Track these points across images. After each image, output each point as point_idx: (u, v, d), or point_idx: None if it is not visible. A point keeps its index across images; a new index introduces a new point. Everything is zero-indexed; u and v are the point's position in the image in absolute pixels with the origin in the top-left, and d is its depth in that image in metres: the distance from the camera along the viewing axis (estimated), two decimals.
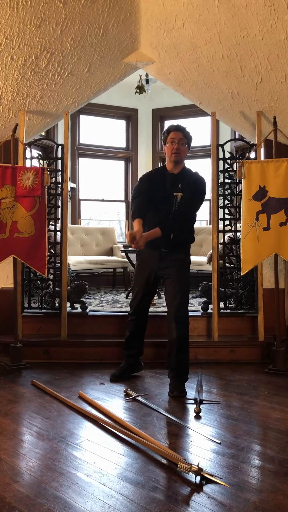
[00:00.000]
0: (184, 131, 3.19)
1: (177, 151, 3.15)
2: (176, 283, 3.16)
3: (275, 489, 1.90)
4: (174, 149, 3.14)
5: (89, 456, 2.19)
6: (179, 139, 3.15)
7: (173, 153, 3.15)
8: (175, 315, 3.13)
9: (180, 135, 3.15)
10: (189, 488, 1.91)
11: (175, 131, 3.17)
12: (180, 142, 3.15)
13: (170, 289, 3.18)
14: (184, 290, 3.18)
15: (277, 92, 3.66)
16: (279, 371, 3.60)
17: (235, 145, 6.32)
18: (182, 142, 3.16)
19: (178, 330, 3.11)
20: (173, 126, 3.22)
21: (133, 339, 3.42)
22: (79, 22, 3.37)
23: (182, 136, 3.16)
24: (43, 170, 3.78)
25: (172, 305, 3.14)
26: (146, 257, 3.28)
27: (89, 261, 5.78)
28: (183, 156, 3.21)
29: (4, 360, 3.81)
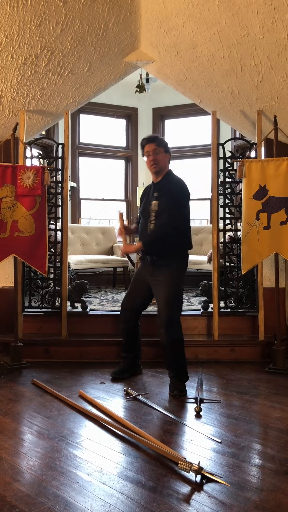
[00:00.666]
0: (156, 140, 3.23)
1: (154, 162, 3.20)
2: (161, 289, 3.14)
3: (275, 488, 1.90)
4: (151, 161, 3.20)
5: (89, 455, 2.19)
6: (153, 150, 3.20)
7: (152, 165, 3.22)
8: (160, 321, 3.13)
9: (153, 146, 3.21)
10: (190, 487, 1.91)
11: (148, 143, 3.23)
12: (154, 152, 3.19)
13: (157, 294, 3.21)
14: (168, 295, 3.11)
15: (278, 91, 3.65)
16: (279, 370, 3.60)
17: (236, 144, 6.31)
18: (157, 151, 3.20)
19: (166, 336, 3.10)
20: (144, 139, 3.27)
21: (127, 347, 3.46)
22: (79, 21, 3.36)
23: (155, 146, 3.21)
24: (44, 169, 3.78)
25: (160, 309, 3.15)
26: (142, 267, 3.39)
27: (90, 260, 5.78)
28: (162, 164, 3.23)
29: (4, 359, 3.81)
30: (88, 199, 7.34)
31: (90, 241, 6.45)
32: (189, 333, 4.12)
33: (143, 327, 3.52)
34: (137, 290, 3.36)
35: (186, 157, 7.34)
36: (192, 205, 3.38)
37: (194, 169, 7.32)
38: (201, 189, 7.13)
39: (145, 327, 3.60)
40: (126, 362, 3.46)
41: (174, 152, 3.43)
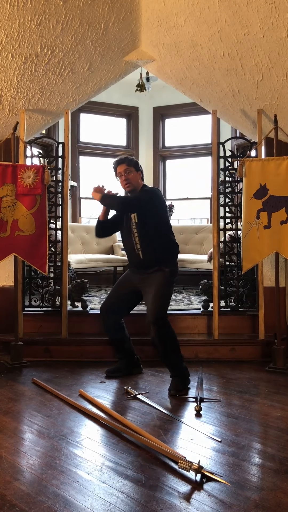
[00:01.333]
0: (125, 161, 3.32)
1: (127, 181, 3.30)
2: (151, 288, 3.17)
3: (275, 487, 1.90)
4: (124, 181, 3.31)
5: (89, 454, 2.20)
6: (124, 170, 3.30)
7: (126, 185, 3.32)
8: (149, 317, 3.09)
9: (123, 167, 3.30)
10: (190, 486, 1.91)
11: (119, 165, 3.33)
12: (125, 172, 3.29)
13: (145, 295, 3.23)
14: (157, 292, 3.13)
15: (278, 90, 3.65)
16: (280, 370, 3.60)
17: (236, 143, 6.31)
18: (128, 171, 3.30)
19: (156, 331, 3.05)
20: (115, 162, 3.37)
21: (118, 352, 3.54)
22: (79, 20, 3.36)
23: (126, 166, 3.30)
24: (44, 169, 3.78)
25: (149, 311, 3.13)
26: (128, 275, 3.42)
27: (90, 260, 5.78)
28: (135, 182, 3.33)
29: (4, 358, 3.81)
30: (88, 198, 7.33)
31: (90, 240, 6.45)
32: (189, 332, 4.13)
33: (143, 326, 3.51)
34: (120, 296, 3.40)
35: (187, 156, 7.33)
36: (192, 205, 3.40)
37: (194, 168, 7.31)
38: (202, 188, 7.12)
39: (144, 325, 3.59)
40: (122, 362, 3.51)
41: (174, 151, 3.46)
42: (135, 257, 3.28)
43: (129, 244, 3.30)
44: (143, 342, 3.85)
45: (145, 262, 3.24)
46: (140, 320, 3.63)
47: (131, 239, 3.27)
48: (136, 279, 3.31)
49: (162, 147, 7.37)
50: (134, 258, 3.29)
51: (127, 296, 3.39)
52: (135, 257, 3.28)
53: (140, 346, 3.84)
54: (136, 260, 3.28)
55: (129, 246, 3.31)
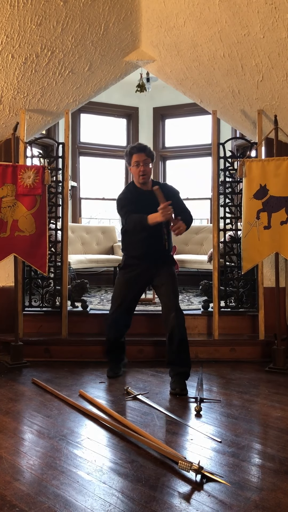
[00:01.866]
0: (146, 150, 3.24)
1: (144, 173, 3.23)
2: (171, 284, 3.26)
3: (275, 487, 1.90)
4: (141, 172, 3.22)
5: (89, 455, 2.20)
6: (143, 160, 3.22)
7: (141, 176, 3.23)
8: (174, 306, 3.18)
9: (143, 156, 3.21)
10: (190, 487, 1.91)
11: (138, 153, 3.21)
12: (145, 163, 3.22)
13: (165, 290, 3.26)
14: (175, 287, 3.30)
15: (278, 91, 3.65)
16: (280, 370, 3.60)
17: (236, 144, 6.31)
18: (146, 162, 3.23)
19: (178, 319, 3.15)
20: (134, 148, 3.25)
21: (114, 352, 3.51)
22: (79, 20, 3.36)
23: (145, 157, 3.23)
24: (44, 169, 3.79)
25: (170, 300, 3.21)
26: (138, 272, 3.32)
27: (90, 260, 5.78)
28: (150, 175, 3.31)
29: (4, 358, 3.81)
30: (88, 198, 7.34)
31: (90, 241, 6.45)
32: (190, 333, 4.10)
33: (145, 326, 3.52)
34: (131, 302, 3.40)
35: (187, 156, 7.33)
36: (193, 205, 3.41)
37: (194, 168, 7.31)
38: (202, 189, 7.12)
39: (146, 326, 3.60)
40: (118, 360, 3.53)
41: (174, 152, 3.46)
42: (159, 246, 3.26)
43: (155, 234, 3.21)
44: (143, 342, 3.86)
45: (167, 252, 3.32)
46: (141, 320, 3.65)
47: (161, 230, 3.22)
48: (150, 271, 3.30)
49: (162, 148, 7.37)
50: (158, 248, 3.26)
51: (137, 296, 3.42)
52: (159, 246, 3.26)
53: (141, 346, 3.85)
54: (160, 250, 3.27)
55: (154, 236, 3.22)
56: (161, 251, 3.30)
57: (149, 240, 3.25)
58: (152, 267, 3.31)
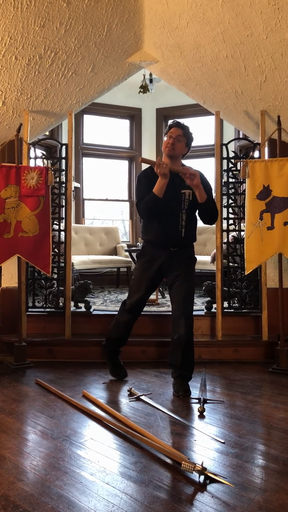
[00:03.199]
0: (184, 129, 3.15)
1: (172, 146, 3.11)
2: (185, 283, 3.13)
3: (279, 488, 1.90)
4: (169, 144, 3.11)
5: (93, 455, 2.20)
6: (177, 135, 3.12)
7: (167, 147, 3.12)
8: (184, 314, 3.09)
9: (179, 131, 3.12)
10: (193, 488, 1.91)
11: (176, 127, 3.14)
12: (177, 138, 3.11)
13: (179, 288, 3.14)
14: (192, 290, 3.18)
15: (281, 91, 3.65)
16: (283, 371, 3.59)
17: (239, 144, 6.31)
18: (180, 139, 3.12)
19: (186, 328, 3.08)
20: (176, 122, 3.19)
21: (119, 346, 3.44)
22: (83, 21, 3.37)
23: (181, 133, 3.12)
24: (47, 170, 3.79)
25: (181, 304, 3.11)
26: (152, 257, 3.21)
27: (93, 261, 5.79)
28: (178, 152, 3.16)
29: (8, 359, 3.82)
30: (91, 199, 7.35)
31: (93, 241, 6.46)
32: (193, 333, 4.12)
33: (148, 327, 3.51)
34: (145, 293, 3.28)
35: (190, 157, 7.31)
36: None
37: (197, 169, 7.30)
38: None
39: (149, 327, 3.60)
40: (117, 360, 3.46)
41: None
42: (175, 233, 3.12)
43: (172, 220, 3.10)
44: (146, 343, 3.86)
45: (184, 240, 3.16)
46: (144, 321, 3.65)
47: (177, 215, 3.10)
48: (163, 263, 3.17)
49: None
50: (174, 235, 3.12)
51: (151, 289, 3.30)
52: (175, 233, 3.12)
53: (144, 347, 3.85)
54: (175, 237, 3.13)
55: (171, 222, 3.11)
56: (177, 238, 3.13)
57: (164, 225, 3.11)
58: (165, 254, 3.15)
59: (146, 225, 3.24)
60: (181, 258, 3.18)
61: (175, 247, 3.16)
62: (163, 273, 3.24)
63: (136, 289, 3.26)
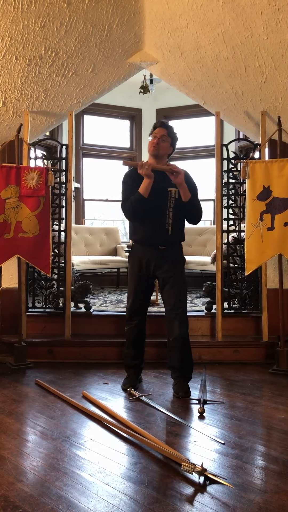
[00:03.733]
0: (168, 129, 3.18)
1: (156, 146, 3.14)
2: (177, 283, 3.14)
3: (279, 489, 1.90)
4: (154, 143, 3.14)
5: (92, 456, 2.20)
6: (161, 135, 3.14)
7: (152, 147, 3.15)
8: (178, 315, 3.10)
9: (163, 131, 3.15)
10: (193, 488, 1.91)
11: (160, 127, 3.17)
12: (161, 138, 3.14)
13: (171, 290, 3.14)
14: (184, 291, 3.19)
15: (282, 92, 3.65)
16: (283, 372, 3.59)
17: (239, 145, 6.31)
18: (164, 138, 3.15)
19: (181, 329, 3.09)
20: (160, 122, 3.23)
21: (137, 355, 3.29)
22: (83, 22, 3.37)
23: (165, 133, 3.15)
24: (47, 170, 3.79)
25: (175, 305, 3.12)
26: (141, 256, 3.19)
27: (93, 261, 5.79)
28: (163, 152, 3.17)
29: (8, 359, 3.82)
30: (91, 200, 7.35)
31: (93, 242, 6.46)
32: (193, 334, 4.11)
33: (148, 328, 3.49)
34: (144, 292, 3.27)
35: (190, 158, 7.34)
36: None
37: (197, 170, 7.31)
38: (205, 190, 7.12)
39: (148, 327, 3.59)
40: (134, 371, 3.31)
41: (178, 153, 3.42)
42: (162, 232, 3.11)
43: (159, 218, 3.10)
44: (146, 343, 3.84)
45: (172, 238, 3.16)
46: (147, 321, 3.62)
47: (163, 213, 3.10)
48: (152, 262, 3.15)
49: None
50: (161, 233, 3.12)
51: (149, 291, 3.30)
52: (162, 232, 3.11)
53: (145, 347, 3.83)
54: (163, 235, 3.12)
55: (157, 221, 3.10)
56: (164, 237, 3.12)
57: (151, 223, 3.11)
58: (154, 253, 3.14)
59: (134, 224, 3.24)
60: (170, 258, 3.17)
61: (163, 245, 3.16)
62: (154, 273, 3.21)
63: (132, 290, 3.26)
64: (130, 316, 3.27)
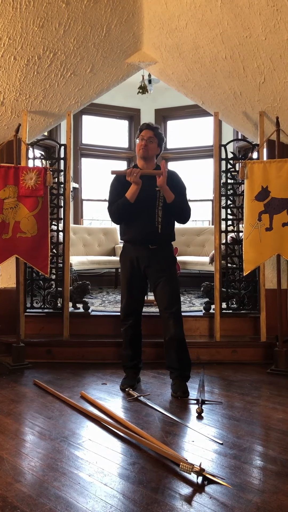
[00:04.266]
0: (155, 130, 3.22)
1: (145, 148, 3.18)
2: (169, 282, 3.13)
3: (277, 489, 1.90)
4: (142, 145, 3.18)
5: (91, 456, 2.19)
6: (149, 137, 3.18)
7: (141, 149, 3.19)
8: (173, 314, 3.10)
9: (150, 133, 3.19)
10: (191, 489, 1.91)
11: (147, 129, 3.21)
12: (149, 139, 3.18)
13: (163, 289, 3.14)
14: (177, 290, 3.19)
15: (280, 92, 3.65)
16: (281, 372, 3.60)
17: (238, 145, 6.31)
18: (151, 140, 3.19)
19: (176, 328, 3.09)
20: (145, 124, 3.25)
21: (134, 356, 3.30)
22: (81, 22, 3.37)
23: (152, 135, 3.19)
24: (46, 170, 3.79)
25: (168, 305, 3.11)
26: (132, 256, 3.20)
27: (92, 261, 5.78)
28: (151, 153, 3.22)
29: (6, 359, 3.82)
30: (90, 200, 7.35)
31: (92, 242, 6.45)
32: (191, 334, 4.12)
33: (145, 328, 3.50)
34: (137, 292, 3.27)
35: (188, 158, 7.34)
36: (194, 206, 3.36)
37: (196, 170, 7.31)
38: (203, 190, 7.12)
39: (146, 327, 3.59)
40: (133, 371, 3.31)
41: (176, 153, 3.43)
42: (152, 230, 3.13)
43: (148, 217, 3.12)
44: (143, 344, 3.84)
45: (162, 237, 3.17)
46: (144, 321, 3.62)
47: (153, 212, 3.12)
48: (143, 261, 3.16)
49: (164, 149, 7.36)
50: (151, 232, 3.13)
51: (142, 291, 3.30)
52: (152, 230, 3.13)
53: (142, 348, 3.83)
54: (153, 234, 3.13)
55: (147, 220, 3.11)
56: (154, 235, 3.13)
57: (141, 223, 3.13)
58: (145, 253, 3.14)
59: (124, 225, 3.26)
60: (160, 257, 3.17)
61: (153, 245, 3.16)
62: (145, 272, 3.20)
63: (125, 291, 3.27)
64: (125, 317, 3.29)
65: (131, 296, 3.25)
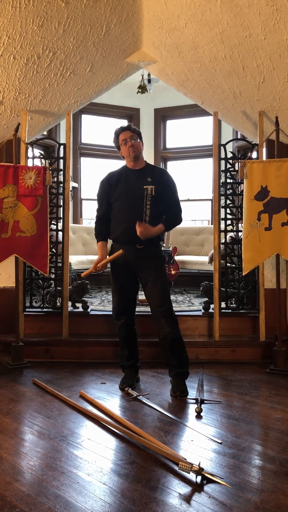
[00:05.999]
0: (130, 128, 3.23)
1: (133, 148, 3.18)
2: (159, 281, 3.12)
3: (275, 489, 1.90)
4: (130, 147, 3.18)
5: (90, 455, 2.20)
6: (130, 136, 3.18)
7: (132, 151, 3.18)
8: (164, 312, 3.09)
9: (128, 133, 3.19)
10: (190, 488, 1.91)
11: (122, 132, 3.21)
12: (131, 139, 3.18)
13: (153, 288, 3.12)
14: (167, 287, 3.17)
15: (279, 92, 3.65)
16: (280, 371, 3.60)
17: (237, 145, 6.32)
18: (133, 138, 3.19)
19: (170, 325, 3.08)
20: (118, 128, 3.25)
21: (130, 356, 3.31)
22: (81, 21, 3.37)
23: (131, 133, 3.20)
24: (45, 170, 3.79)
25: (160, 303, 3.10)
26: (119, 266, 3.22)
27: (91, 261, 5.77)
28: (141, 149, 3.24)
29: (5, 359, 3.82)
30: (89, 199, 7.35)
31: (91, 241, 6.45)
32: (190, 334, 4.13)
33: (142, 327, 3.50)
34: (127, 291, 3.26)
35: (188, 157, 7.34)
36: (194, 206, 3.36)
37: (195, 169, 7.32)
38: (203, 190, 7.13)
39: (145, 327, 3.60)
40: (131, 371, 3.32)
41: (175, 153, 3.44)
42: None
43: (136, 216, 3.08)
44: (141, 343, 3.85)
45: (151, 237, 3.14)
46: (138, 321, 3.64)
47: (140, 210, 3.10)
48: (131, 261, 3.15)
49: (163, 149, 7.38)
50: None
51: (132, 291, 3.30)
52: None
53: (140, 347, 3.83)
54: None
55: (135, 218, 3.06)
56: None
57: (128, 221, 3.09)
58: (132, 252, 3.12)
59: (112, 223, 3.25)
60: (149, 256, 3.16)
61: (141, 244, 3.12)
62: (134, 271, 3.20)
63: (115, 291, 3.28)
64: (117, 315, 3.29)
65: (120, 295, 3.25)
